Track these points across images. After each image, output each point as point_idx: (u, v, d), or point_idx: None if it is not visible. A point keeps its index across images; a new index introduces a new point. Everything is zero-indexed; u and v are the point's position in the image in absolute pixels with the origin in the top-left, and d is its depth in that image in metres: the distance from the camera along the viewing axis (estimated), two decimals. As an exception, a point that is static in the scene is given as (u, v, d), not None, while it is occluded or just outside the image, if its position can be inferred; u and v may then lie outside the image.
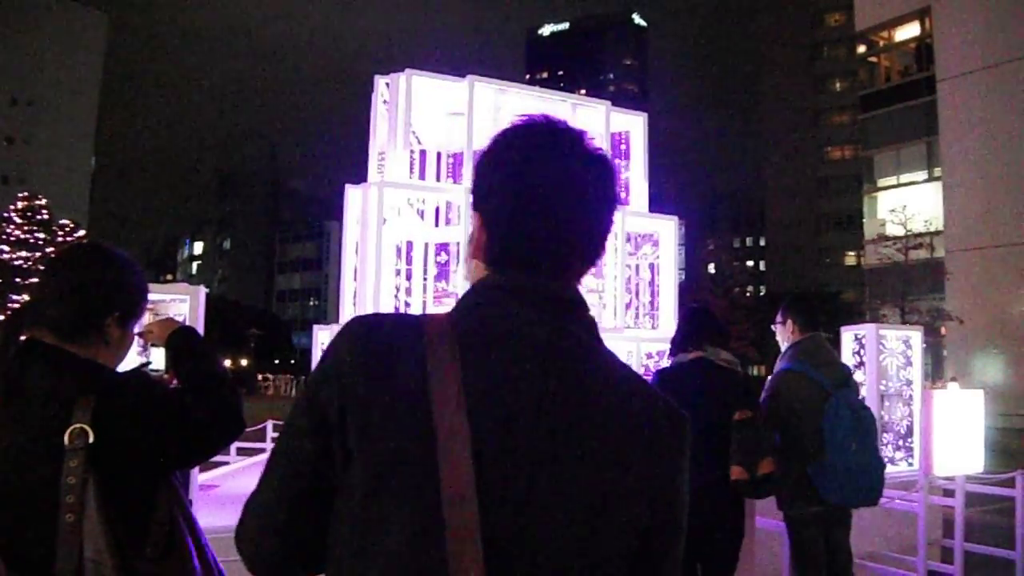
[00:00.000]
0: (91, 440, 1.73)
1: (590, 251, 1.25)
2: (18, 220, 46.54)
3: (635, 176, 8.38)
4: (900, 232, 29.74)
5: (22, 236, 45.99)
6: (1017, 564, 6.43)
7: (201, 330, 5.79)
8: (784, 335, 4.75)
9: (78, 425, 1.73)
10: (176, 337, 2.12)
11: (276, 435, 9.02)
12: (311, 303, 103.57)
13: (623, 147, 8.37)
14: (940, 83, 28.36)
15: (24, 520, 1.76)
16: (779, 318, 4.78)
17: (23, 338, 1.91)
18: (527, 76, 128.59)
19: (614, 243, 7.94)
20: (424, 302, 8.89)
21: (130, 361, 2.15)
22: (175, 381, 2.07)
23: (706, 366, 4.15)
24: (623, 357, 7.75)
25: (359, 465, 1.11)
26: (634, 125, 8.41)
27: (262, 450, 10.29)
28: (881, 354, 8.24)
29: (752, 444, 3.92)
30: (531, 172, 1.20)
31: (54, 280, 1.98)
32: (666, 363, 4.43)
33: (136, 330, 2.09)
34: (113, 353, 2.00)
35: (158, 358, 2.19)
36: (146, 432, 1.83)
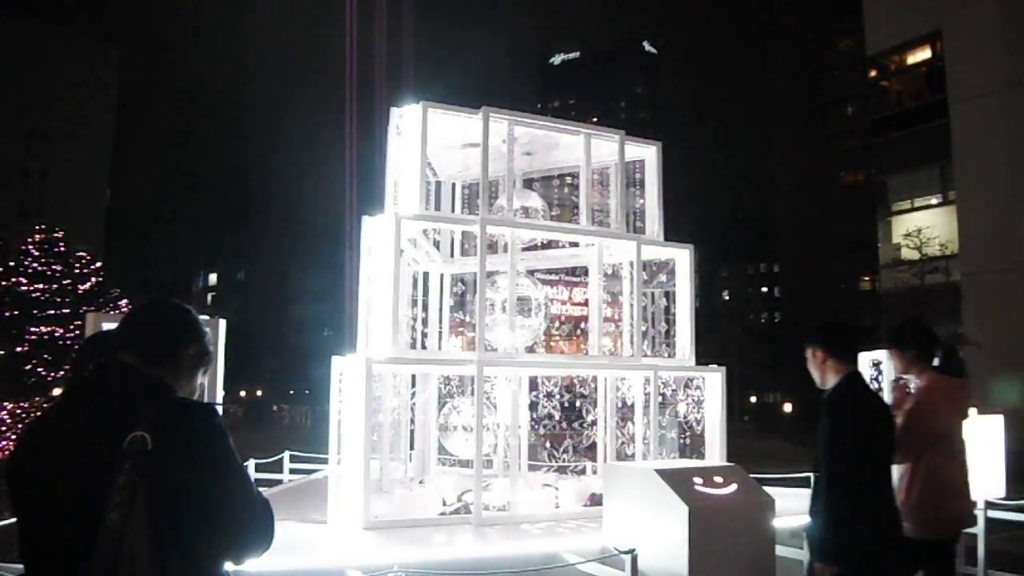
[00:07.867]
0: (149, 447, 1.81)
1: None
2: (35, 252, 46.82)
3: (649, 205, 8.39)
4: (915, 256, 29.58)
5: (39, 268, 46.26)
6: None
7: (220, 361, 5.83)
8: None
9: (139, 432, 1.82)
10: None
11: (293, 466, 8.94)
12: (325, 334, 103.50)
13: (637, 176, 8.39)
14: (952, 106, 28.29)
15: (71, 513, 1.85)
16: None
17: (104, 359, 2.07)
18: (539, 105, 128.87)
19: (630, 272, 7.94)
20: (440, 333, 8.89)
21: None
22: None
23: None
24: (639, 387, 7.72)
25: None
26: (648, 154, 8.43)
27: (279, 482, 10.35)
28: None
29: None
30: None
31: (140, 315, 2.20)
32: None
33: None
34: (184, 386, 2.15)
35: None
36: (199, 450, 1.91)
